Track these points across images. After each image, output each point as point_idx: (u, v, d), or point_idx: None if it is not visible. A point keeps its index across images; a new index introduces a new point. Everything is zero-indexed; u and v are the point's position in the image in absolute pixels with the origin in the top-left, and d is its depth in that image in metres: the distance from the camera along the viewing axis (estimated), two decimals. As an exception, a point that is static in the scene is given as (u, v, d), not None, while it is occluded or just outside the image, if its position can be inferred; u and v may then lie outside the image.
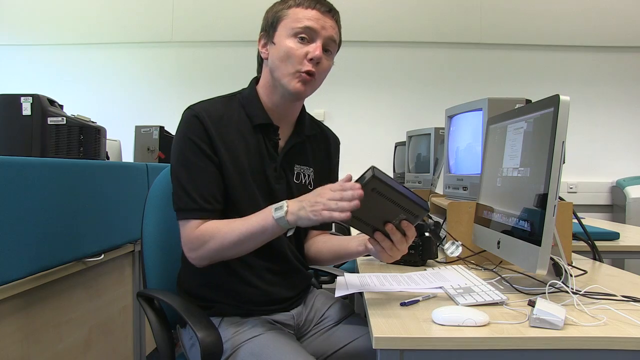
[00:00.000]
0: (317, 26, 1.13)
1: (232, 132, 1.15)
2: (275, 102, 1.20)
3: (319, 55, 1.13)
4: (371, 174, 0.91)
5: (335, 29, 1.17)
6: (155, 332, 1.15)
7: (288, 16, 1.15)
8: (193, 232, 1.10)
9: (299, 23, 1.13)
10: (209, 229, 1.09)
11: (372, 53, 3.99)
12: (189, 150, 1.12)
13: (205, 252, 1.09)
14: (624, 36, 3.91)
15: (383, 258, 1.03)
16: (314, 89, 1.19)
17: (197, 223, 1.10)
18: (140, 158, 2.89)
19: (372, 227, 0.99)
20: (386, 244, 0.99)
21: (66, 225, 1.54)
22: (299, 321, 1.24)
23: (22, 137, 1.77)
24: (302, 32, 1.13)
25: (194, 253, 1.11)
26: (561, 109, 0.95)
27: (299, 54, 1.13)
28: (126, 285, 2.05)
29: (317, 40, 1.13)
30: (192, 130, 1.12)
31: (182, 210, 1.12)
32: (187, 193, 1.11)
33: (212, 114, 1.14)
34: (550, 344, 0.80)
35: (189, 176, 1.12)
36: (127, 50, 4.10)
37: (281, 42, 1.14)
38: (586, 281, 1.19)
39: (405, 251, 1.02)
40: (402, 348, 0.81)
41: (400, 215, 0.97)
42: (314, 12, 1.14)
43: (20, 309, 1.33)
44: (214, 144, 1.12)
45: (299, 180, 1.24)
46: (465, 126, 1.71)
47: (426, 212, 1.01)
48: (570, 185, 3.86)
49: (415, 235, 1.01)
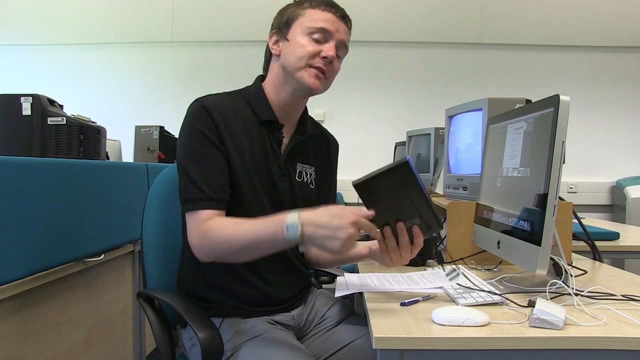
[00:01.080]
0: (332, 28, 1.15)
1: (238, 127, 1.15)
2: (282, 99, 1.20)
3: (333, 55, 1.14)
4: (405, 161, 0.91)
5: (347, 34, 1.20)
6: (156, 332, 1.15)
7: (304, 15, 1.17)
8: (201, 226, 1.06)
9: (315, 23, 1.15)
10: (217, 231, 1.05)
11: (372, 53, 3.99)
12: (196, 141, 1.11)
13: (210, 252, 1.07)
14: (624, 36, 3.91)
15: (385, 260, 1.02)
16: (325, 88, 1.19)
17: (205, 214, 1.07)
18: (140, 158, 2.89)
19: (384, 219, 0.98)
20: (391, 244, 0.99)
21: (66, 225, 1.54)
22: (299, 321, 1.24)
23: (22, 137, 1.77)
24: (317, 32, 1.14)
25: (200, 249, 1.08)
26: (561, 109, 0.95)
27: (312, 50, 1.14)
28: (126, 285, 2.05)
29: (331, 41, 1.15)
30: (200, 121, 1.11)
31: (189, 201, 1.09)
32: (195, 184, 1.08)
33: (220, 106, 1.14)
34: (550, 344, 0.80)
35: (197, 167, 1.10)
36: (127, 50, 4.10)
37: (296, 39, 1.15)
38: (586, 281, 1.19)
39: (407, 260, 1.01)
40: (402, 348, 0.81)
41: (415, 219, 0.97)
42: (330, 15, 1.16)
43: (20, 308, 1.33)
44: (221, 136, 1.12)
45: (301, 179, 1.25)
46: (465, 126, 1.71)
47: (439, 229, 1.00)
48: (570, 185, 3.86)
49: (421, 246, 1.01)
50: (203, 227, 1.06)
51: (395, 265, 1.02)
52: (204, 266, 1.17)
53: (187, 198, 1.10)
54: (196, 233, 1.08)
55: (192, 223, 1.09)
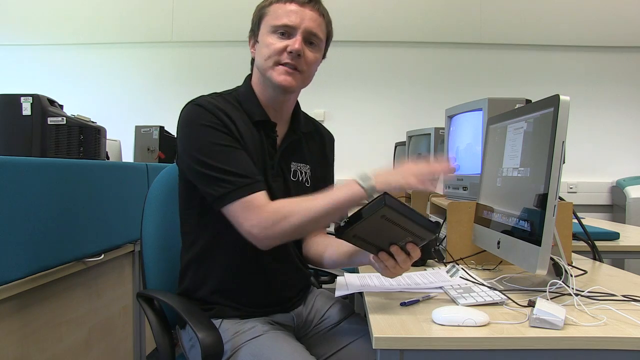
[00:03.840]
0: (295, 21, 1.12)
1: (239, 125, 1.14)
2: (268, 97, 1.20)
3: (298, 48, 1.12)
4: (382, 203, 0.88)
5: (316, 20, 1.15)
6: (155, 332, 1.15)
7: (269, 13, 1.15)
8: (265, 208, 1.03)
9: (277, 20, 1.13)
10: (284, 205, 1.04)
11: (372, 53, 3.99)
12: (211, 136, 1.07)
13: (285, 227, 1.03)
14: (624, 36, 3.91)
15: (385, 274, 1.03)
16: (304, 83, 1.18)
17: (262, 196, 1.04)
18: (140, 158, 2.89)
19: (377, 247, 0.99)
20: (390, 263, 0.99)
21: (66, 225, 1.53)
22: (299, 322, 1.24)
23: (22, 137, 1.77)
24: (280, 28, 1.13)
25: (269, 230, 1.03)
26: (561, 109, 0.95)
27: (278, 48, 1.13)
28: (126, 285, 2.05)
29: (296, 34, 1.13)
30: (205, 119, 1.09)
31: (235, 190, 1.03)
32: (232, 172, 1.04)
33: (217, 106, 1.12)
34: (550, 344, 0.80)
35: (224, 158, 1.06)
36: (127, 50, 4.09)
37: (263, 40, 1.15)
38: (586, 281, 1.19)
39: (408, 269, 1.01)
40: (402, 348, 0.81)
41: (407, 238, 0.96)
42: (293, 5, 1.13)
43: (20, 309, 1.33)
44: (231, 130, 1.10)
45: (296, 178, 1.24)
46: (465, 126, 1.71)
47: (434, 235, 1.00)
48: (570, 185, 3.86)
49: (419, 256, 1.00)
50: (269, 209, 1.03)
51: (397, 276, 1.03)
52: (204, 268, 1.17)
53: (230, 189, 1.04)
54: (261, 217, 1.03)
55: (251, 210, 1.03)
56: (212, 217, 1.11)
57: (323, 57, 1.22)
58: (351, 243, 0.99)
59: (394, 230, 0.94)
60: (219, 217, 1.09)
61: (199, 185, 1.10)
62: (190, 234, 1.20)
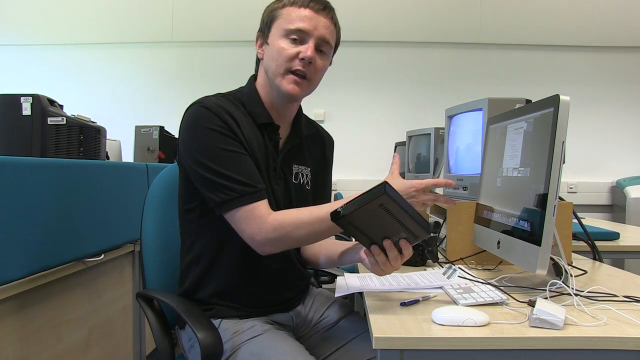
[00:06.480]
0: (309, 27, 1.12)
1: (243, 128, 1.13)
2: (273, 101, 1.19)
3: (310, 56, 1.11)
4: (383, 190, 0.88)
5: (329, 27, 1.15)
6: (155, 332, 1.15)
7: (281, 16, 1.14)
8: (266, 219, 1.04)
9: (291, 24, 1.12)
10: (286, 217, 1.05)
11: (372, 53, 3.99)
12: (216, 140, 1.07)
13: (286, 241, 1.06)
14: (624, 36, 3.91)
15: (375, 271, 1.01)
16: (309, 91, 1.18)
17: (263, 206, 1.05)
18: (140, 158, 2.89)
19: (370, 239, 0.98)
20: (381, 259, 0.98)
21: (66, 225, 1.53)
22: (298, 321, 1.24)
23: (22, 137, 1.77)
24: (293, 33, 1.12)
25: (270, 241, 1.05)
26: (561, 109, 0.95)
27: (290, 54, 1.12)
28: (126, 285, 2.05)
29: (309, 41, 1.12)
30: (211, 121, 1.08)
31: (237, 198, 1.04)
32: (235, 180, 1.05)
33: (224, 109, 1.11)
34: (550, 344, 0.80)
35: (228, 163, 1.06)
36: (127, 50, 4.10)
37: (274, 43, 1.14)
38: (586, 281, 1.19)
39: (399, 268, 1.00)
40: (402, 348, 0.81)
41: (401, 233, 0.96)
42: (307, 10, 1.12)
43: (20, 309, 1.33)
44: (235, 133, 1.09)
45: (297, 180, 1.24)
46: (465, 126, 1.71)
47: (427, 235, 0.99)
48: (570, 185, 3.86)
49: (411, 254, 1.00)
50: (271, 221, 1.04)
51: (386, 274, 1.02)
52: (204, 269, 1.17)
53: (233, 196, 1.05)
54: (262, 227, 1.04)
55: (252, 218, 1.04)
56: (213, 218, 1.11)
57: (329, 64, 1.22)
58: (345, 230, 0.97)
59: (390, 223, 0.93)
60: (219, 218, 1.09)
61: (202, 188, 1.10)
62: (189, 234, 1.20)
